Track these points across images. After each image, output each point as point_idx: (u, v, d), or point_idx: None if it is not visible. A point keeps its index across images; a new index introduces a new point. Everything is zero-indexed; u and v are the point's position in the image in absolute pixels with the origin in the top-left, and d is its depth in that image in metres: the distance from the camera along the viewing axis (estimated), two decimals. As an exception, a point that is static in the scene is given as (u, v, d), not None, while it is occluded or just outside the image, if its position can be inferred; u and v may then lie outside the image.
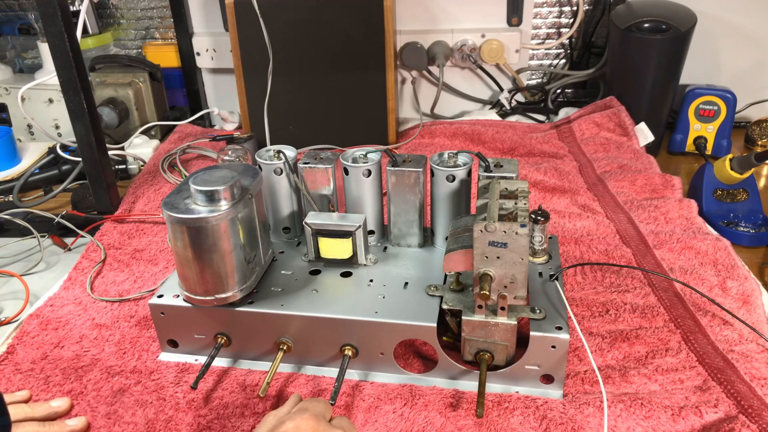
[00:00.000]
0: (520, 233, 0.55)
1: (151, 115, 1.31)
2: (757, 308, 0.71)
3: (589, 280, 0.78)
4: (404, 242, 0.76)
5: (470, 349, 0.62)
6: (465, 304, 0.62)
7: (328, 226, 0.69)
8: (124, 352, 0.71)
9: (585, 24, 1.31)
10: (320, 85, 1.17)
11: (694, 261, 0.80)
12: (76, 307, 0.79)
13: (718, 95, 1.13)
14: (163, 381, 0.66)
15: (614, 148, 1.12)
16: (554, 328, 0.59)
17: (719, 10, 1.22)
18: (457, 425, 0.58)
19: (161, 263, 0.87)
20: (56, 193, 1.05)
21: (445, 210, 0.72)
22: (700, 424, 0.56)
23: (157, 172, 1.13)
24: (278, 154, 0.75)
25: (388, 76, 1.15)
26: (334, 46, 1.13)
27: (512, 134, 1.18)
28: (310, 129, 1.20)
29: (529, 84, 1.39)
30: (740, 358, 0.63)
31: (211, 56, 1.38)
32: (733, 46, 1.25)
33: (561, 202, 0.98)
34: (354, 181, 0.73)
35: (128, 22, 1.44)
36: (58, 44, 0.86)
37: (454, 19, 1.32)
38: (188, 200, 0.62)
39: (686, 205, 0.91)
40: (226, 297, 0.64)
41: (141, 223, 0.98)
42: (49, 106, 1.25)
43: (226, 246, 0.62)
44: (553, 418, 0.58)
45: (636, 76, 1.15)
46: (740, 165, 0.92)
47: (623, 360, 0.65)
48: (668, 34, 1.09)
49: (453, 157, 0.72)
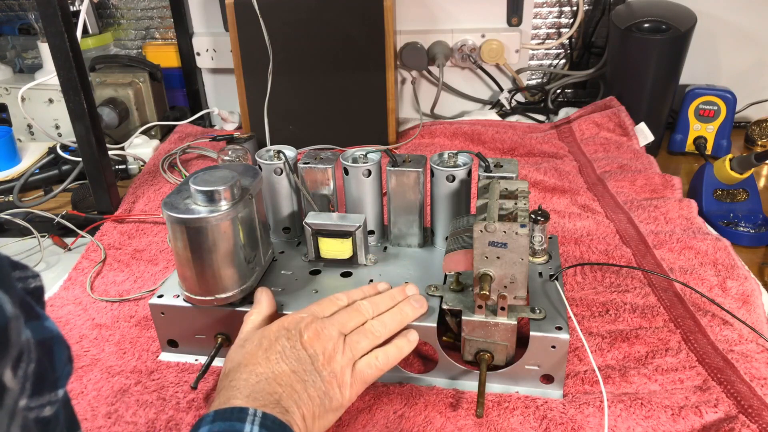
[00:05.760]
0: (520, 233, 0.55)
1: (151, 115, 1.31)
2: (757, 308, 0.71)
3: (589, 280, 0.78)
4: (404, 242, 0.76)
5: (470, 349, 0.62)
6: (465, 304, 0.62)
7: (328, 226, 0.69)
8: (124, 352, 0.71)
9: (585, 24, 1.31)
10: (320, 85, 1.17)
11: (694, 261, 0.80)
12: (76, 307, 0.79)
13: (718, 95, 1.13)
14: (164, 381, 0.66)
15: (614, 148, 1.12)
16: (554, 328, 0.60)
17: (719, 10, 1.22)
18: (457, 425, 0.58)
19: (161, 263, 0.87)
20: (56, 193, 1.05)
21: (445, 210, 0.72)
22: (700, 424, 0.57)
23: (157, 172, 1.13)
24: (278, 154, 0.75)
25: (388, 76, 1.15)
26: (334, 46, 1.13)
27: (512, 134, 1.18)
28: (310, 129, 1.20)
29: (529, 84, 1.39)
30: (740, 358, 0.63)
31: (211, 56, 1.38)
32: (733, 46, 1.25)
33: (561, 202, 0.98)
34: (354, 181, 0.73)
35: (128, 22, 1.44)
36: (58, 44, 0.86)
37: (454, 19, 1.32)
38: (188, 200, 0.62)
39: (686, 205, 0.91)
40: (226, 297, 0.64)
41: (141, 223, 0.98)
42: (49, 106, 1.25)
43: (226, 246, 0.62)
44: (553, 418, 0.58)
45: (636, 76, 1.15)
46: (740, 165, 0.92)
47: (623, 360, 0.65)
48: (668, 34, 1.09)
49: (453, 157, 0.72)
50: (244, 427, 0.45)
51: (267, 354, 0.53)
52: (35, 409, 0.30)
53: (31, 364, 0.29)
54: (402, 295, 0.62)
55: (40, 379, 0.30)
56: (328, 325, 0.55)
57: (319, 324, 0.55)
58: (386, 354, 0.57)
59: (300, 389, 0.51)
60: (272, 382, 0.51)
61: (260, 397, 0.49)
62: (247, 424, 0.46)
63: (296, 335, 0.54)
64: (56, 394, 0.31)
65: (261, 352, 0.53)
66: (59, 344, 0.32)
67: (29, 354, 0.29)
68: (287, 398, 0.50)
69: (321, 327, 0.55)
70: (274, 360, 0.52)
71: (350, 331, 0.56)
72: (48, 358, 0.31)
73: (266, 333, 0.55)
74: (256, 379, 0.51)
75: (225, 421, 0.46)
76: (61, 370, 0.32)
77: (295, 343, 0.53)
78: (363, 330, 0.57)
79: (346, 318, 0.57)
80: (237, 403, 0.48)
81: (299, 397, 0.51)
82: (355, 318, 0.57)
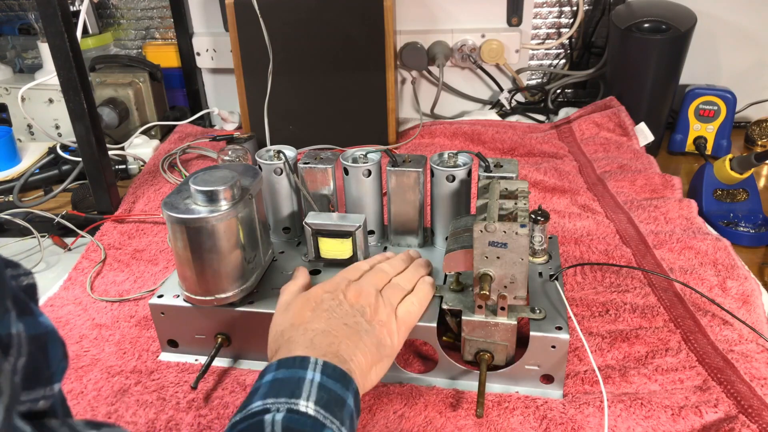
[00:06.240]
0: (520, 233, 0.55)
1: (151, 115, 1.31)
2: (757, 308, 0.71)
3: (589, 280, 0.78)
4: (404, 242, 0.76)
5: (470, 349, 0.62)
6: (465, 304, 0.62)
7: (328, 226, 0.69)
8: (124, 352, 0.71)
9: (585, 24, 1.31)
10: (320, 85, 1.17)
11: (694, 261, 0.80)
12: (76, 307, 0.79)
13: (718, 95, 1.13)
14: (164, 381, 0.66)
15: (614, 148, 1.12)
16: (554, 328, 0.60)
17: (719, 10, 1.22)
18: (457, 425, 0.58)
19: (161, 263, 0.87)
20: (56, 193, 1.05)
21: (445, 210, 0.72)
22: (700, 424, 0.57)
23: (157, 172, 1.13)
24: (278, 154, 0.75)
25: (388, 76, 1.15)
26: (334, 46, 1.13)
27: (512, 134, 1.18)
28: (310, 129, 1.20)
29: (529, 84, 1.39)
30: (740, 358, 0.63)
31: (211, 56, 1.38)
32: (733, 46, 1.25)
33: (561, 202, 0.98)
34: (354, 181, 0.73)
35: (128, 22, 1.44)
36: (58, 44, 0.86)
37: (454, 19, 1.32)
38: (188, 200, 0.62)
39: (686, 205, 0.91)
40: (226, 297, 0.64)
41: (141, 223, 0.98)
42: (49, 106, 1.25)
43: (226, 246, 0.62)
44: (553, 418, 0.58)
45: (636, 76, 1.15)
46: (740, 165, 0.92)
47: (623, 360, 0.65)
48: (668, 34, 1.09)
49: (453, 157, 0.72)
50: (306, 373, 0.48)
51: (316, 313, 0.56)
52: (27, 403, 0.30)
53: (21, 358, 0.29)
54: (411, 256, 0.70)
55: (34, 373, 0.30)
56: (364, 284, 0.60)
57: (356, 284, 0.60)
58: (418, 297, 0.62)
59: (356, 339, 0.54)
60: (329, 334, 0.53)
61: (320, 348, 0.52)
62: (309, 371, 0.48)
63: (340, 294, 0.58)
64: (51, 388, 0.32)
65: (308, 312, 0.56)
66: (54, 340, 0.32)
67: (19, 348, 0.29)
68: (345, 348, 0.53)
69: (359, 286, 0.59)
70: (324, 317, 0.55)
71: (382, 288, 0.61)
72: (42, 353, 0.31)
73: (309, 296, 0.58)
74: (312, 334, 0.53)
75: (288, 368, 0.49)
76: (56, 366, 0.32)
77: (342, 301, 0.57)
78: (392, 285, 0.62)
79: (375, 278, 0.62)
80: (298, 352, 0.51)
81: (356, 347, 0.54)
82: (382, 277, 0.62)
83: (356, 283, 0.60)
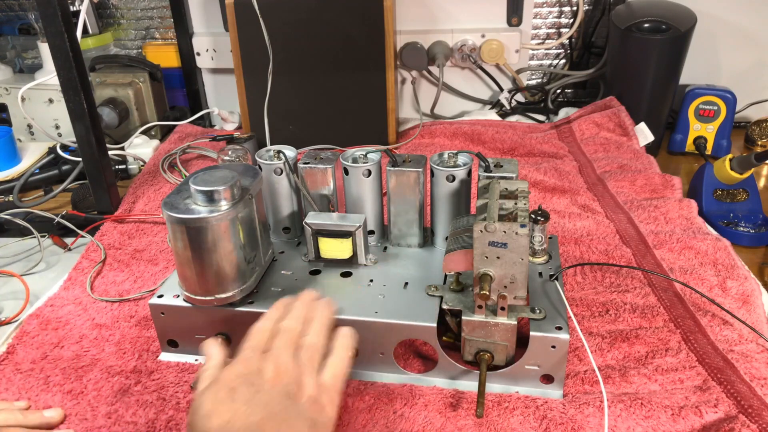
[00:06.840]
0: (520, 233, 0.55)
1: (151, 115, 1.31)
2: (757, 308, 0.71)
3: (589, 280, 0.78)
4: (404, 242, 0.76)
5: (470, 349, 0.62)
6: (465, 304, 0.62)
7: (328, 226, 0.69)
8: (124, 352, 0.71)
9: (585, 24, 1.31)
10: (320, 85, 1.17)
11: (694, 261, 0.80)
12: (76, 307, 0.79)
13: (718, 95, 1.13)
14: (164, 381, 0.66)
15: (614, 148, 1.12)
16: (554, 328, 0.60)
17: (719, 10, 1.22)
18: (457, 425, 0.58)
19: (161, 263, 0.87)
20: (56, 193, 1.05)
21: (445, 210, 0.72)
22: (700, 424, 0.57)
23: (157, 172, 1.13)
24: (278, 154, 0.75)
25: (388, 76, 1.15)
26: (334, 46, 1.13)
27: (512, 134, 1.18)
28: (310, 129, 1.20)
29: (529, 84, 1.39)
30: (740, 358, 0.63)
31: (211, 56, 1.38)
32: (733, 46, 1.25)
33: (561, 202, 0.98)
34: (354, 181, 0.73)
35: (128, 22, 1.44)
36: (58, 44, 0.86)
37: (454, 19, 1.32)
38: (188, 200, 0.62)
39: (686, 205, 0.91)
40: (226, 297, 0.64)
41: (141, 223, 0.98)
42: (49, 106, 1.25)
43: (226, 246, 0.62)
44: (553, 418, 0.58)
45: (636, 76, 1.15)
46: (740, 165, 0.92)
47: (623, 360, 0.65)
48: (668, 34, 1.09)
49: (453, 157, 0.72)
50: None
51: (234, 405, 0.47)
52: None
53: None
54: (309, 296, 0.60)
55: None
56: (278, 356, 0.51)
57: (271, 359, 0.51)
58: (340, 356, 0.54)
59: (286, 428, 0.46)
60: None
61: None
62: None
63: (256, 378, 0.49)
64: None
65: (225, 407, 0.47)
66: None
67: None
68: None
69: (275, 361, 0.50)
70: (243, 412, 0.46)
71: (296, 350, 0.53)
72: None
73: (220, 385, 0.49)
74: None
75: None
76: None
77: (260, 386, 0.48)
78: (307, 347, 0.53)
79: (286, 344, 0.53)
80: None
81: None
82: (292, 338, 0.54)
83: (270, 357, 0.51)
